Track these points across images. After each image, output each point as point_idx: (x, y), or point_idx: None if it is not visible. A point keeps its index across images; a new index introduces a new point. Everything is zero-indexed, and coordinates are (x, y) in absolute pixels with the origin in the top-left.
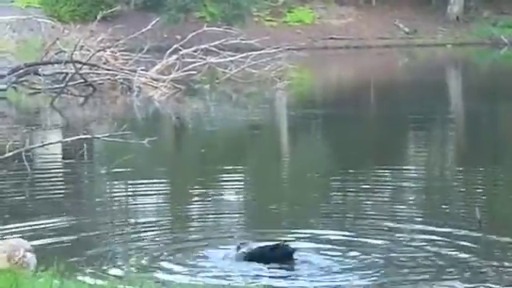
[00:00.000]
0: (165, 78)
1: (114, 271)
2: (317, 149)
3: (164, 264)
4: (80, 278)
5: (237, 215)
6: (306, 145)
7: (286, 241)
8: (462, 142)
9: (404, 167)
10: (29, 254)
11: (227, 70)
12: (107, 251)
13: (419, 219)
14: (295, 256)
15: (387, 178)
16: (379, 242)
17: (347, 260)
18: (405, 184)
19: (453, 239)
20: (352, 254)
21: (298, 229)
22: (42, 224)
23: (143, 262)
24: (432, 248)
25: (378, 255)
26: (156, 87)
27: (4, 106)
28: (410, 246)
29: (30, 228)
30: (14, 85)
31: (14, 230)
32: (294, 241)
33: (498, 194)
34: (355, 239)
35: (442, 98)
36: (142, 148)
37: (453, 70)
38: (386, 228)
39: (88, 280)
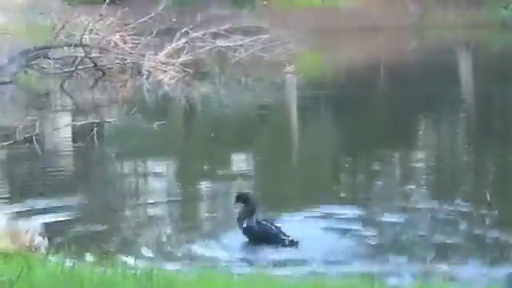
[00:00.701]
0: (174, 61)
1: (124, 253)
2: (327, 130)
3: (174, 247)
4: (91, 260)
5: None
6: (316, 126)
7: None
8: (472, 123)
9: (414, 148)
10: (38, 238)
11: (236, 54)
12: (118, 233)
13: (429, 199)
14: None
15: (397, 159)
16: (389, 221)
17: (358, 240)
18: (415, 164)
19: (463, 220)
20: (363, 233)
21: (308, 208)
22: (53, 206)
23: (153, 244)
24: (442, 228)
25: (388, 234)
26: (165, 71)
27: (14, 89)
28: (421, 225)
29: (40, 210)
30: (24, 68)
31: (25, 212)
32: (304, 220)
33: (509, 176)
34: (366, 218)
35: (453, 79)
36: (152, 131)
37: (463, 52)
38: (396, 208)
39: (98, 263)
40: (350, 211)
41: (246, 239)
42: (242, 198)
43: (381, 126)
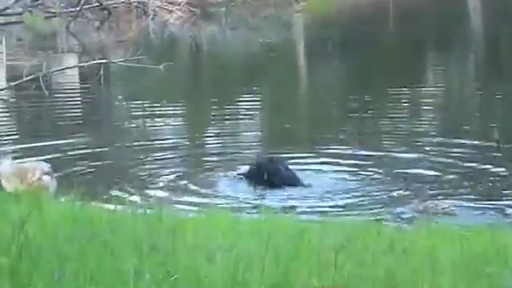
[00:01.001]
0: (180, 1)
1: (132, 195)
2: (334, 70)
3: (182, 187)
4: (100, 200)
5: (254, 136)
6: (323, 66)
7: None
8: (481, 63)
9: (423, 87)
10: (46, 177)
11: None
12: (126, 174)
13: (438, 138)
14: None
15: (406, 98)
16: (399, 160)
17: (368, 181)
18: (424, 103)
19: (471, 159)
20: (373, 174)
21: (317, 149)
22: (62, 147)
23: (161, 185)
24: (450, 165)
25: (398, 174)
26: (171, 11)
27: (20, 30)
28: (428, 163)
29: (49, 150)
30: (30, 9)
31: (34, 153)
32: (310, 157)
33: None
34: (375, 158)
35: (463, 20)
36: (158, 72)
37: None
38: (405, 147)
39: (107, 203)
40: (359, 152)
41: (256, 179)
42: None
43: (389, 65)
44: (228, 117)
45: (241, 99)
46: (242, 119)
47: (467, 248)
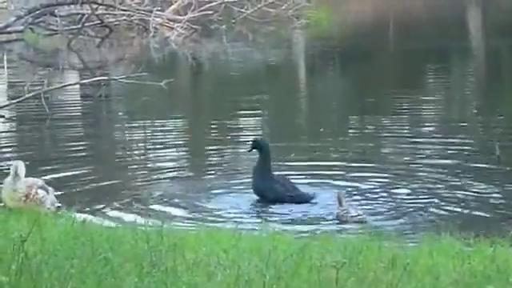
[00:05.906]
0: (181, 18)
1: (133, 211)
2: (336, 85)
3: (183, 203)
4: (100, 218)
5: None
6: (324, 82)
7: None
8: (481, 76)
9: (424, 101)
10: (48, 195)
11: (243, 10)
12: (127, 190)
13: (438, 153)
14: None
15: (407, 113)
16: (397, 173)
17: (368, 195)
18: (424, 117)
19: (471, 173)
20: (374, 188)
21: (318, 164)
22: (62, 163)
23: (162, 202)
24: (450, 182)
25: (395, 189)
26: (172, 28)
27: (21, 48)
28: (428, 179)
29: (50, 168)
30: (31, 26)
31: (35, 169)
32: (314, 176)
33: None
34: (375, 172)
35: (463, 33)
36: (159, 89)
37: (474, 7)
38: (404, 161)
39: (108, 220)
40: (360, 165)
41: (257, 197)
42: (256, 144)
43: (390, 81)
44: (228, 132)
45: (242, 114)
46: (242, 134)
47: (468, 265)
